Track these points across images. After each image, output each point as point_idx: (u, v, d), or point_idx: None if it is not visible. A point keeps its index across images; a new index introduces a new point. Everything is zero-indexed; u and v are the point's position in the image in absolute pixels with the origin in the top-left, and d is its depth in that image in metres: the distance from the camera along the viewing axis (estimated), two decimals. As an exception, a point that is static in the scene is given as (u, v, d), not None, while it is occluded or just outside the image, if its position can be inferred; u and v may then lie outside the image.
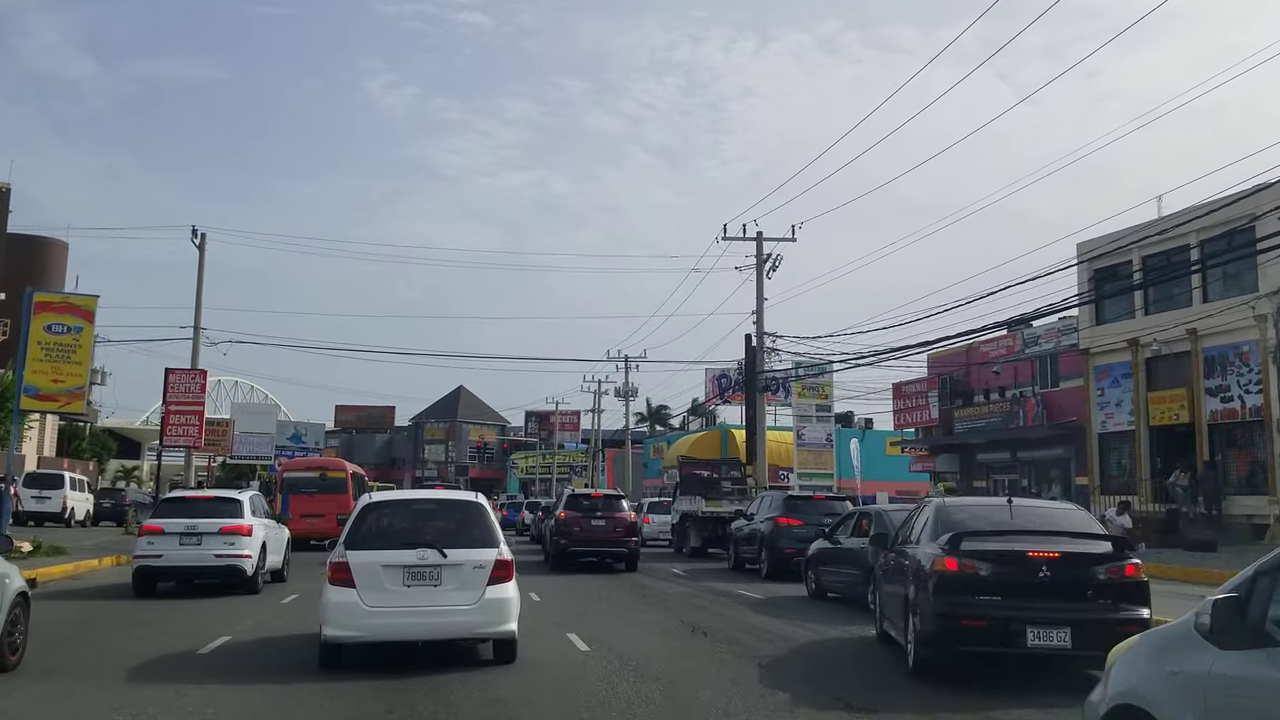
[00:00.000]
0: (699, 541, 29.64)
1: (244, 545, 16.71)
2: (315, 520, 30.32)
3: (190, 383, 33.66)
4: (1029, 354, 34.97)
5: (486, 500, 10.67)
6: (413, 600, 9.18)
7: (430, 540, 9.37)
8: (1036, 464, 34.57)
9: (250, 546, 16.84)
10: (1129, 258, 29.54)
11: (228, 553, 16.54)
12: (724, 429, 63.22)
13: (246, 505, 17.66)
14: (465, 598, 9.21)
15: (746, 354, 37.69)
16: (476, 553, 9.41)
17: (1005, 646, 8.73)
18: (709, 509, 29.16)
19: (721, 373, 71.34)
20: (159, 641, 11.13)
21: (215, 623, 12.87)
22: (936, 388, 38.80)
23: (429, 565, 9.20)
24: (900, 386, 40.59)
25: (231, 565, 16.62)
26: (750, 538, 23.43)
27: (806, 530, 21.38)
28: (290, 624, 12.94)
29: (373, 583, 9.10)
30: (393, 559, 9.23)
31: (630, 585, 19.64)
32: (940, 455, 38.99)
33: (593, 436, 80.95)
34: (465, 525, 9.82)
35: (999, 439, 35.11)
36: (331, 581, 9.21)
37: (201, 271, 37.29)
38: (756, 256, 34.66)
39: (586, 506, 24.35)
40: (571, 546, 23.49)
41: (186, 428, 33.31)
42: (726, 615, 14.42)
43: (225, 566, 16.62)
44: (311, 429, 66.65)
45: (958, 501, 11.07)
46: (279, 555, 18.94)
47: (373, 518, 9.89)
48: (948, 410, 38.30)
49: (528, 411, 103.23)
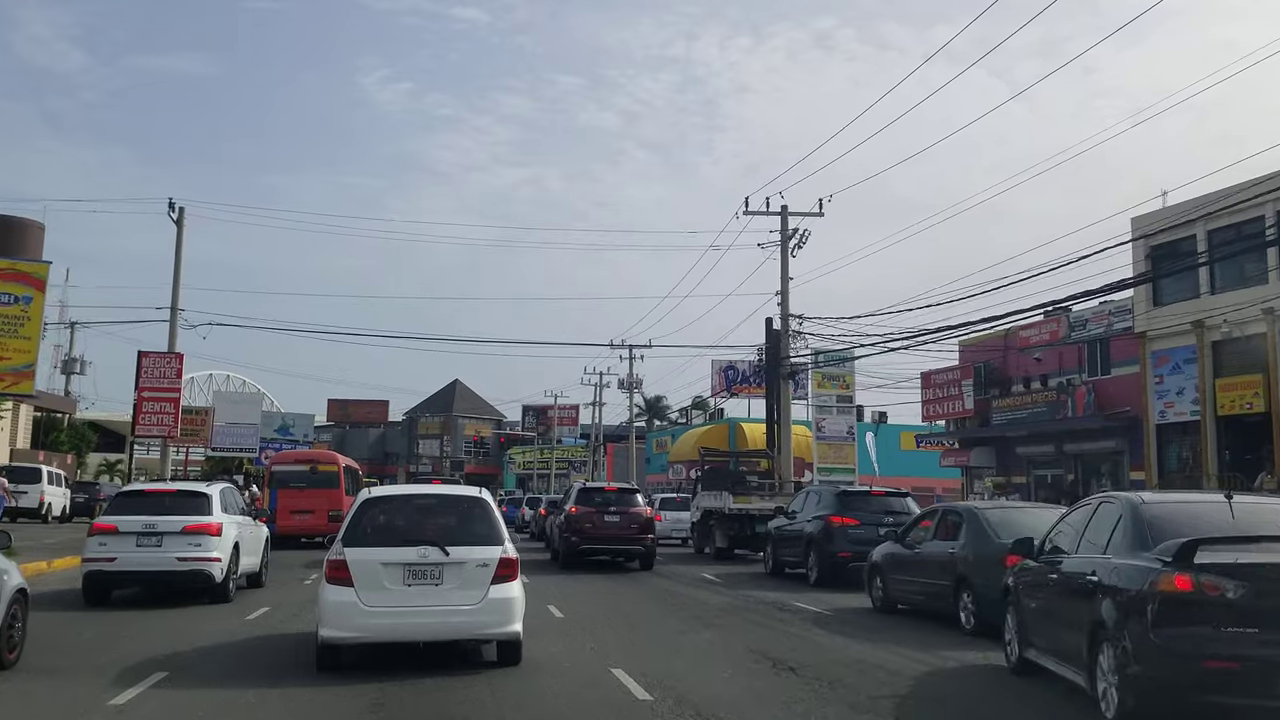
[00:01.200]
0: (725, 541, 26.93)
1: (212, 546, 14.37)
2: (305, 517, 28.17)
3: (166, 367, 30.97)
4: (1075, 339, 32.35)
5: (490, 495, 10.16)
6: (413, 600, 8.89)
7: (432, 537, 9.06)
8: (1084, 458, 31.96)
9: (220, 548, 14.46)
10: (1192, 232, 27.00)
11: (193, 555, 14.23)
12: (732, 423, 60.63)
13: (215, 500, 15.16)
14: (468, 597, 8.91)
15: (768, 338, 35.06)
16: (480, 550, 9.07)
17: (1270, 697, 6.10)
18: (738, 505, 26.44)
19: (729, 364, 69.05)
20: (55, 686, 8.52)
21: (158, 643, 10.57)
22: (971, 377, 36.15)
23: (430, 563, 8.91)
24: (930, 376, 37.92)
25: (197, 570, 14.26)
26: (794, 539, 20.84)
27: (863, 531, 18.89)
28: (244, 654, 10.38)
29: (372, 581, 8.81)
30: (392, 557, 8.93)
31: (661, 593, 16.99)
32: (974, 449, 36.33)
33: (593, 430, 78.46)
34: (468, 522, 9.47)
35: (1042, 431, 32.51)
36: (329, 580, 8.91)
37: (180, 248, 34.59)
38: (781, 231, 32.01)
39: (599, 501, 22.61)
40: (583, 544, 21.88)
41: (161, 416, 30.65)
42: (796, 637, 11.71)
43: (190, 571, 14.22)
44: (300, 420, 63.07)
45: (1155, 498, 8.39)
46: (255, 557, 16.65)
47: (372, 514, 9.57)
48: (984, 400, 35.67)
49: (525, 406, 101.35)
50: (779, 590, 17.62)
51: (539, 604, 13.87)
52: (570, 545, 22.06)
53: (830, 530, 19.15)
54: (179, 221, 34.60)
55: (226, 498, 15.83)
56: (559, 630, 11.88)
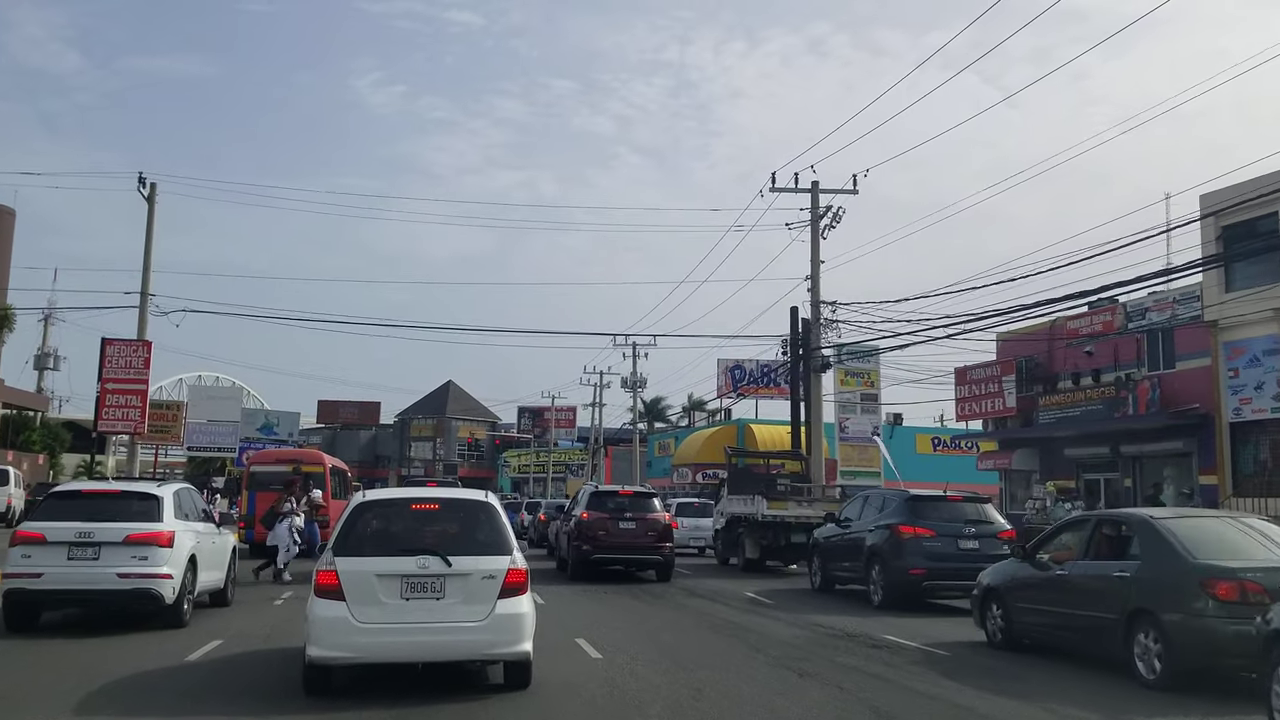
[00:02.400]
0: (756, 552, 24.10)
1: (160, 560, 11.95)
2: None
3: (132, 356, 27.97)
4: (1134, 329, 29.52)
5: (497, 499, 9.28)
6: (412, 615, 8.16)
7: (432, 546, 8.35)
8: (1144, 460, 29.08)
9: (170, 562, 12.04)
10: (1272, 209, 24.21)
11: (137, 571, 11.80)
12: (741, 424, 57.72)
13: (167, 504, 12.52)
14: (473, 613, 8.20)
15: (793, 327, 32.17)
16: (486, 560, 8.35)
17: None
18: (772, 512, 23.57)
19: (735, 364, 66.26)
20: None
21: (84, 679, 8.70)
22: (1012, 372, 33.27)
23: (430, 575, 8.22)
24: (966, 372, 35.02)
25: (142, 589, 11.84)
26: (849, 551, 18.04)
27: (939, 544, 16.24)
28: (192, 696, 8.33)
29: (365, 595, 8.11)
30: (388, 567, 8.23)
31: (708, 619, 14.08)
32: (1017, 451, 33.43)
33: (592, 432, 75.95)
34: (473, 529, 8.74)
35: (1095, 431, 29.63)
36: (318, 593, 8.15)
37: (151, 227, 31.63)
38: (811, 210, 29.14)
39: (613, 506, 20.95)
40: (596, 553, 20.37)
41: (126, 410, 27.65)
42: (927, 696, 8.69)
43: (133, 591, 11.82)
44: (285, 418, 59.25)
45: None
46: (219, 571, 14.27)
47: (366, 519, 8.80)
48: (1028, 398, 32.78)
49: (520, 407, 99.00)
50: (847, 614, 14.77)
51: (563, 635, 11.10)
52: (582, 554, 20.44)
53: (899, 542, 16.37)
54: (150, 198, 31.69)
55: (183, 501, 13.34)
56: (604, 681, 8.99)
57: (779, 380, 61.06)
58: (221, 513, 17.81)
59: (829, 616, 14.39)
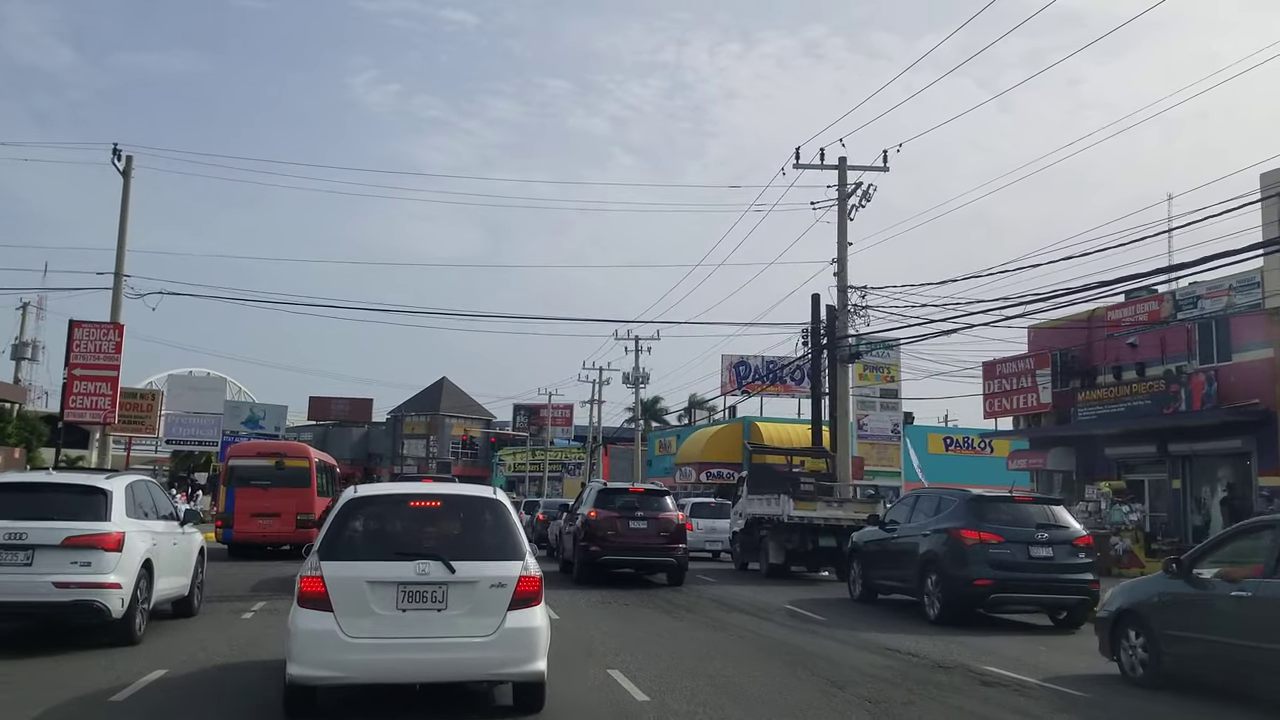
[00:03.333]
0: (781, 556, 22.01)
1: (106, 567, 10.07)
2: (268, 521, 23.65)
3: (103, 340, 25.74)
4: (1184, 318, 27.43)
5: (506, 496, 8.13)
6: (409, 629, 7.06)
7: (433, 549, 7.28)
8: (1195, 459, 26.96)
9: (119, 569, 10.17)
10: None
11: (77, 580, 9.92)
12: (747, 421, 55.61)
13: (117, 500, 10.63)
14: (479, 626, 7.10)
15: (814, 316, 30.11)
16: (495, 566, 7.28)
17: None
18: (799, 513, 21.51)
19: (740, 360, 64.26)
20: None
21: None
22: (1047, 366, 31.15)
23: (431, 583, 7.11)
24: (995, 366, 32.89)
25: (83, 601, 9.94)
26: (897, 558, 16.04)
27: (1007, 551, 14.22)
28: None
29: (356, 605, 7.00)
30: (383, 573, 7.13)
31: (754, 637, 11.96)
32: (1052, 450, 31.29)
33: (590, 430, 74.05)
34: (479, 530, 7.69)
35: (1141, 429, 27.48)
36: (301, 603, 7.03)
37: (126, 203, 29.40)
38: (839, 187, 27.02)
39: (623, 505, 19.69)
40: (604, 555, 19.16)
41: (95, 398, 25.43)
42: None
43: (72, 604, 9.93)
44: (271, 412, 56.38)
45: None
46: (183, 576, 12.56)
47: (357, 518, 7.70)
48: (1064, 394, 30.66)
49: (516, 405, 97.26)
50: (907, 630, 12.82)
51: (592, 664, 9.15)
52: (589, 556, 19.22)
53: (961, 549, 14.33)
54: (125, 172, 29.47)
55: (137, 495, 11.45)
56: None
57: (786, 378, 59.16)
58: (187, 509, 15.94)
59: (890, 635, 12.35)
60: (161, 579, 11.30)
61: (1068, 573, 14.46)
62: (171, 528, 12.09)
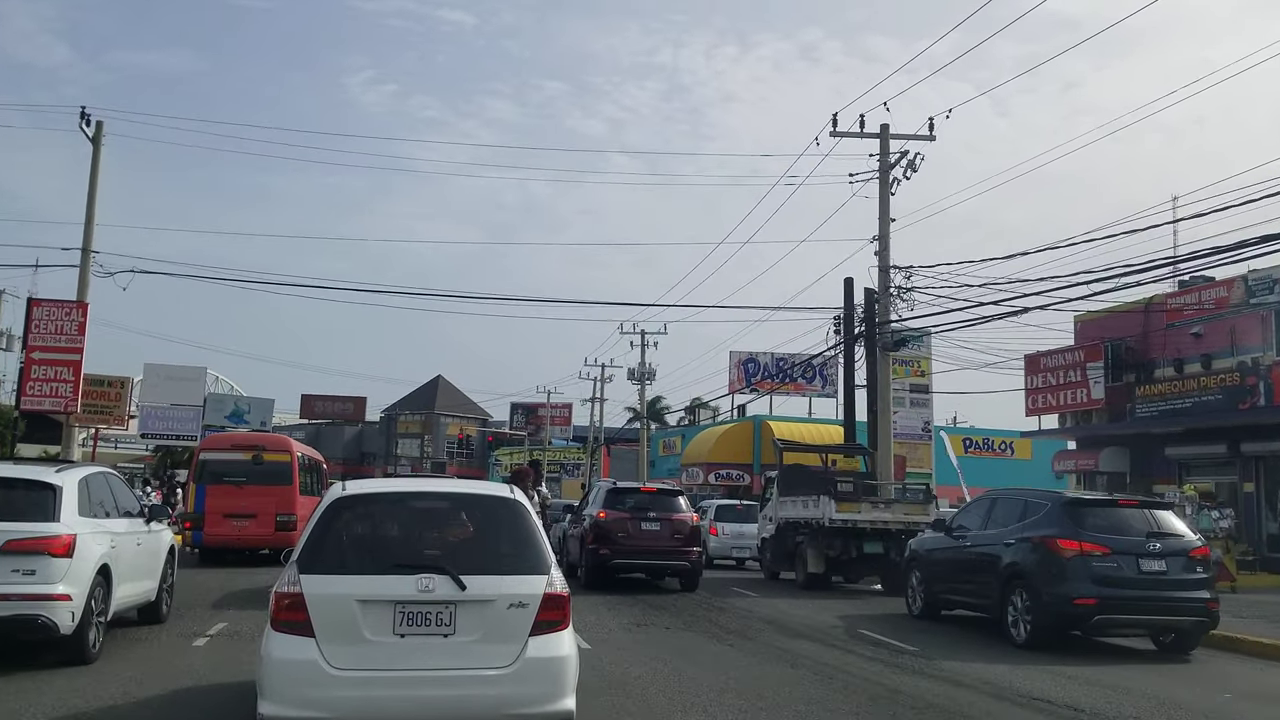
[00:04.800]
0: (820, 565, 19.55)
1: (54, 575, 8.84)
2: (243, 523, 21.06)
3: (64, 320, 23.16)
4: (1257, 305, 24.97)
5: (524, 496, 6.75)
6: (409, 659, 5.82)
7: (439, 560, 6.05)
8: (1270, 461, 24.48)
9: (69, 577, 8.92)
10: None
11: (19, 591, 8.68)
12: (758, 420, 53.13)
13: (68, 496, 9.28)
14: (495, 655, 5.86)
15: (847, 300, 27.60)
16: (514, 582, 6.02)
17: None
18: (843, 515, 19.04)
19: (749, 356, 61.86)
20: None
21: None
22: (1100, 358, 28.66)
23: (436, 602, 5.87)
24: (1039, 359, 30.40)
25: (25, 616, 8.64)
26: (970, 569, 13.82)
27: (1113, 564, 11.96)
28: None
29: (344, 629, 5.79)
30: (377, 590, 5.91)
31: (830, 674, 9.45)
32: (1105, 450, 28.79)
33: (590, 430, 71.99)
34: (495, 536, 6.40)
35: (1208, 426, 25.02)
36: (276, 625, 5.85)
37: (95, 173, 26.84)
38: (880, 157, 24.53)
39: (634, 505, 18.71)
40: (615, 558, 18.24)
41: (55, 384, 22.85)
42: None
43: (13, 618, 8.64)
44: (257, 405, 53.02)
45: None
46: (149, 580, 11.30)
47: (347, 521, 6.41)
48: (1118, 389, 28.17)
49: (514, 403, 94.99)
50: (1004, 659, 10.78)
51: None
52: (598, 559, 18.25)
53: (1058, 561, 12.09)
54: (95, 139, 26.92)
55: (94, 491, 10.03)
56: None
57: (798, 375, 56.68)
58: (153, 505, 13.86)
59: (991, 666, 10.26)
60: (122, 585, 9.99)
61: (1183, 590, 12.17)
62: (135, 526, 10.77)
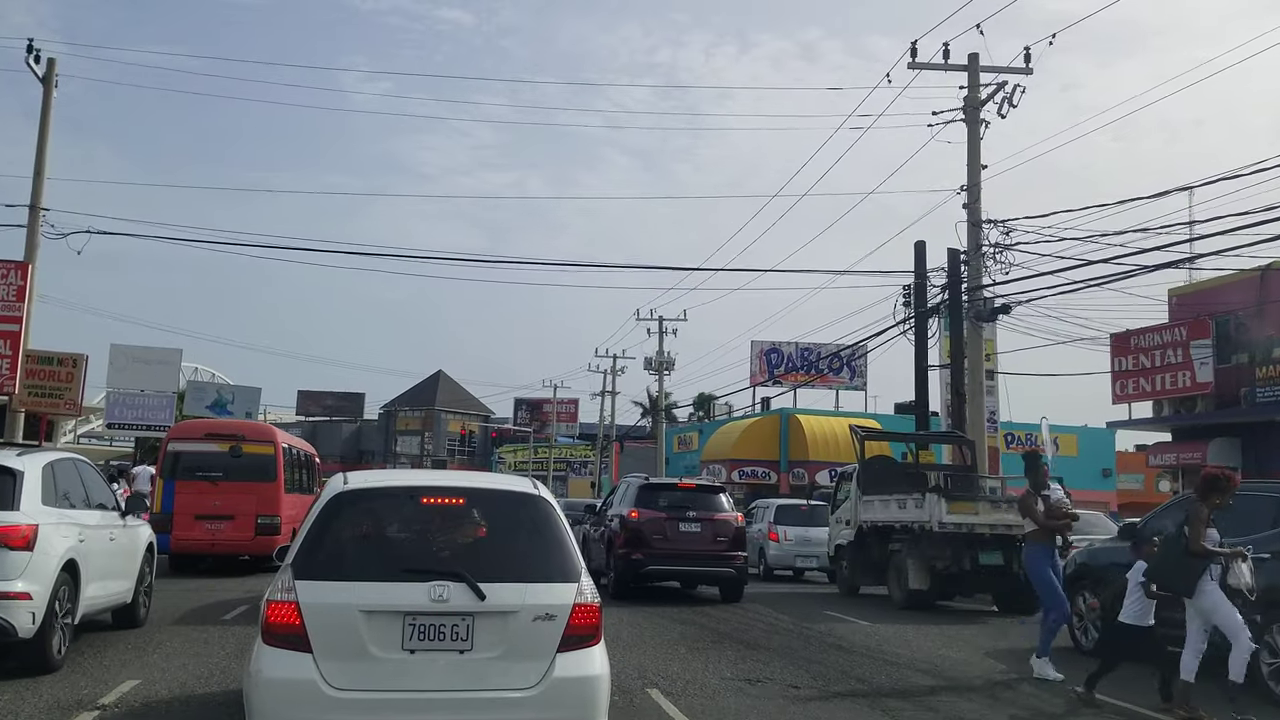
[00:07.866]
0: (924, 581, 15.85)
1: (11, 570, 7.44)
2: (218, 525, 18.03)
3: (1, 284, 19.38)
4: None
5: (549, 492, 5.78)
6: (420, 678, 5.01)
7: (453, 565, 5.19)
8: None
9: (29, 573, 7.54)
10: None
11: None
12: (784, 414, 49.44)
13: (29, 483, 7.93)
14: (518, 675, 5.06)
15: (918, 263, 23.81)
16: (540, 590, 5.19)
17: None
18: (955, 518, 15.36)
19: (771, 346, 58.05)
20: None
21: None
22: (1207, 334, 24.95)
23: (452, 613, 5.06)
24: (1128, 338, 26.63)
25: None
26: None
27: None
28: None
29: (345, 644, 4.97)
30: (384, 599, 5.05)
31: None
32: (1213, 441, 25.08)
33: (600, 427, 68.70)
34: (518, 538, 5.52)
35: (1349, 412, 21.35)
36: (268, 639, 5.01)
37: (46, 117, 23.14)
38: (969, 89, 20.83)
39: (670, 504, 16.70)
40: (650, 564, 16.29)
41: (-11, 360, 19.12)
42: None
43: None
44: (243, 394, 48.46)
45: None
46: (124, 580, 10.19)
47: (348, 520, 5.51)
48: (1229, 370, 24.46)
49: (518, 399, 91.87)
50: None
51: None
52: (631, 564, 16.31)
53: None
54: (46, 79, 23.19)
55: (60, 479, 8.79)
56: None
57: (824, 368, 52.97)
58: (131, 496, 12.39)
59: None
60: (92, 584, 9.09)
61: None
62: (109, 519, 9.85)
